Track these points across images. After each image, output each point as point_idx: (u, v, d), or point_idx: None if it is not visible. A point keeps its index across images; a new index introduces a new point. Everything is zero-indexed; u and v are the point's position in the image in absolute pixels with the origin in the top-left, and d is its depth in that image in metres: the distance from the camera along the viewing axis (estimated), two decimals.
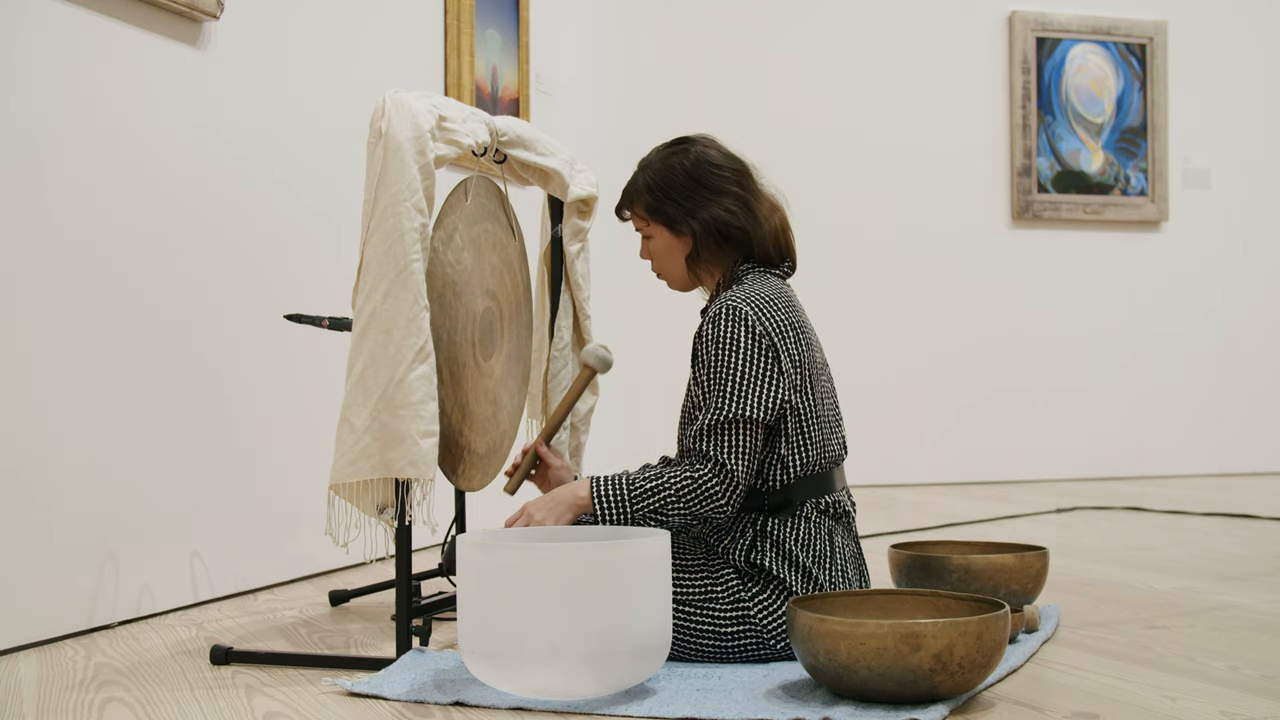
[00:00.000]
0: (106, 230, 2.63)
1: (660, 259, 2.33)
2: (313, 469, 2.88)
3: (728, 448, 2.13)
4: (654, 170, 2.30)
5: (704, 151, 2.29)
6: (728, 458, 2.12)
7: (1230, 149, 6.28)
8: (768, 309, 2.19)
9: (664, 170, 2.29)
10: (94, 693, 2.07)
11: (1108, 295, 6.15)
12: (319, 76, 3.34)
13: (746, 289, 2.23)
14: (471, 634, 1.90)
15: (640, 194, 2.31)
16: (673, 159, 2.29)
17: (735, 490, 2.13)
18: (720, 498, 2.13)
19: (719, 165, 2.28)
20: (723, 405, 2.14)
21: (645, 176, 2.31)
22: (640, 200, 2.31)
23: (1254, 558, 3.44)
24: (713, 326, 2.18)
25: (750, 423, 2.14)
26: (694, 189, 2.26)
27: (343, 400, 2.15)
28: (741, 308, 2.17)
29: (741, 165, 2.32)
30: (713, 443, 2.13)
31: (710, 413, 2.14)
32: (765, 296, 2.21)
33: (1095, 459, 6.07)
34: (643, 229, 2.33)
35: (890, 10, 5.93)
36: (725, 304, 2.19)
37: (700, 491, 2.12)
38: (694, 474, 2.13)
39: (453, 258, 2.42)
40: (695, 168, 2.27)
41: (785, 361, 2.18)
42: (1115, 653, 2.26)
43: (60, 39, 2.53)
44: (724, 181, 2.27)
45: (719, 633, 2.16)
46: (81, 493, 2.56)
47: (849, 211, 5.75)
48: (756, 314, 2.17)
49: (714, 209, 2.26)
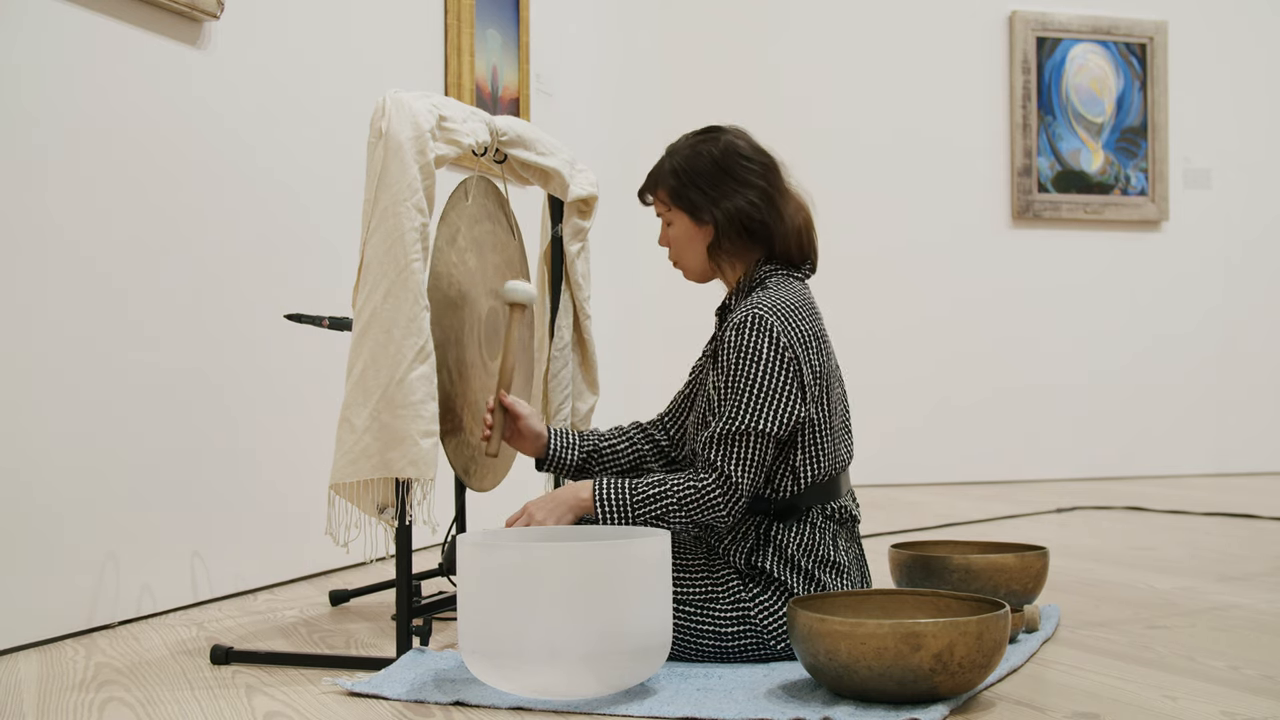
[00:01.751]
0: (106, 230, 2.63)
1: (679, 246, 2.31)
2: (313, 469, 2.88)
3: (735, 459, 2.12)
4: (681, 156, 2.28)
5: (733, 141, 2.27)
6: (734, 469, 2.11)
7: (1230, 149, 6.28)
8: (792, 318, 2.17)
9: (691, 156, 2.26)
10: (94, 692, 2.07)
11: (1108, 295, 6.15)
12: (319, 76, 3.34)
13: (772, 296, 2.20)
14: (472, 634, 1.90)
15: (665, 178, 2.28)
16: (701, 146, 2.27)
17: (738, 502, 2.12)
18: (721, 508, 2.12)
19: (747, 157, 2.26)
20: (737, 415, 2.12)
21: (672, 161, 2.28)
22: (664, 185, 2.29)
23: (1254, 557, 3.43)
24: (737, 335, 2.15)
25: (762, 436, 2.12)
26: (720, 178, 2.24)
27: (343, 400, 2.15)
28: (768, 318, 2.14)
29: (770, 160, 2.29)
30: (721, 452, 2.12)
31: (723, 421, 2.13)
32: (790, 304, 2.19)
33: (1095, 459, 6.07)
34: (664, 214, 2.31)
35: (891, 10, 5.93)
36: (751, 313, 2.16)
37: (702, 501, 2.12)
38: (697, 483, 2.12)
39: (457, 258, 2.42)
40: (723, 157, 2.25)
41: (807, 374, 2.16)
42: (1116, 653, 2.26)
43: (60, 39, 2.53)
44: (750, 174, 2.25)
45: (719, 633, 2.15)
46: (82, 493, 2.56)
47: (849, 211, 5.75)
48: (782, 325, 2.15)
49: (738, 199, 2.23)
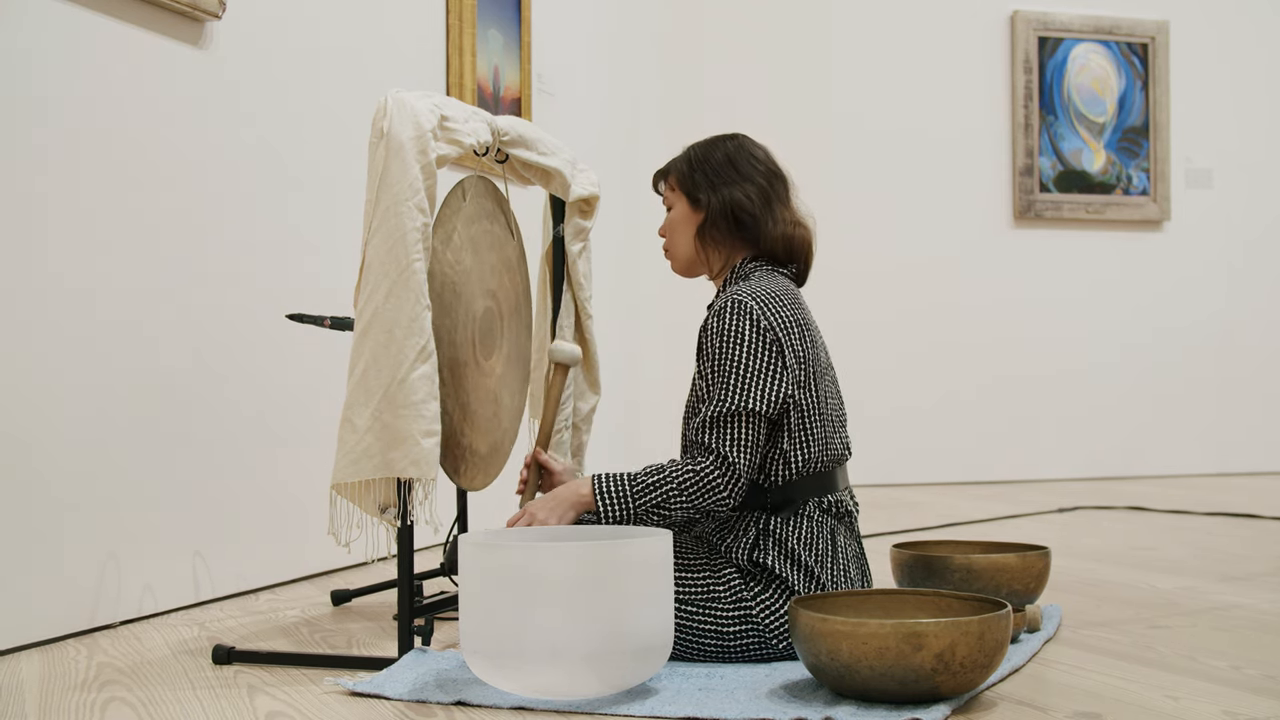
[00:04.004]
0: (106, 229, 2.63)
1: (673, 229, 2.38)
2: (315, 469, 2.88)
3: (730, 440, 2.14)
4: (698, 148, 2.39)
5: (750, 143, 2.38)
6: (729, 450, 2.13)
7: (1232, 149, 6.28)
8: (773, 304, 2.21)
9: (707, 148, 2.37)
10: (96, 692, 2.07)
11: (1109, 295, 6.15)
12: (320, 76, 3.34)
13: (753, 285, 2.25)
14: (473, 634, 1.90)
15: (678, 164, 2.39)
16: (719, 142, 2.38)
17: (737, 483, 2.14)
18: (722, 490, 2.13)
19: (757, 158, 2.36)
20: (726, 397, 2.15)
21: (689, 152, 2.39)
22: (676, 171, 2.39)
23: (1256, 557, 3.43)
24: (718, 320, 2.20)
25: (753, 415, 2.14)
26: (725, 168, 2.34)
27: (344, 400, 2.15)
28: (747, 302, 2.19)
29: (779, 169, 2.39)
30: (715, 435, 2.14)
31: (713, 405, 2.15)
32: (771, 292, 2.23)
33: (1096, 459, 6.07)
34: (668, 197, 2.40)
35: (893, 10, 5.93)
36: (731, 298, 2.21)
37: (702, 484, 2.13)
38: (695, 467, 2.13)
39: (452, 258, 2.42)
40: (735, 152, 2.35)
41: (789, 356, 2.19)
42: (1117, 652, 2.26)
43: (60, 39, 2.53)
44: (754, 171, 2.34)
45: (721, 632, 2.15)
46: (83, 492, 2.56)
47: (850, 210, 5.75)
48: (762, 309, 2.19)
49: (735, 190, 2.31)
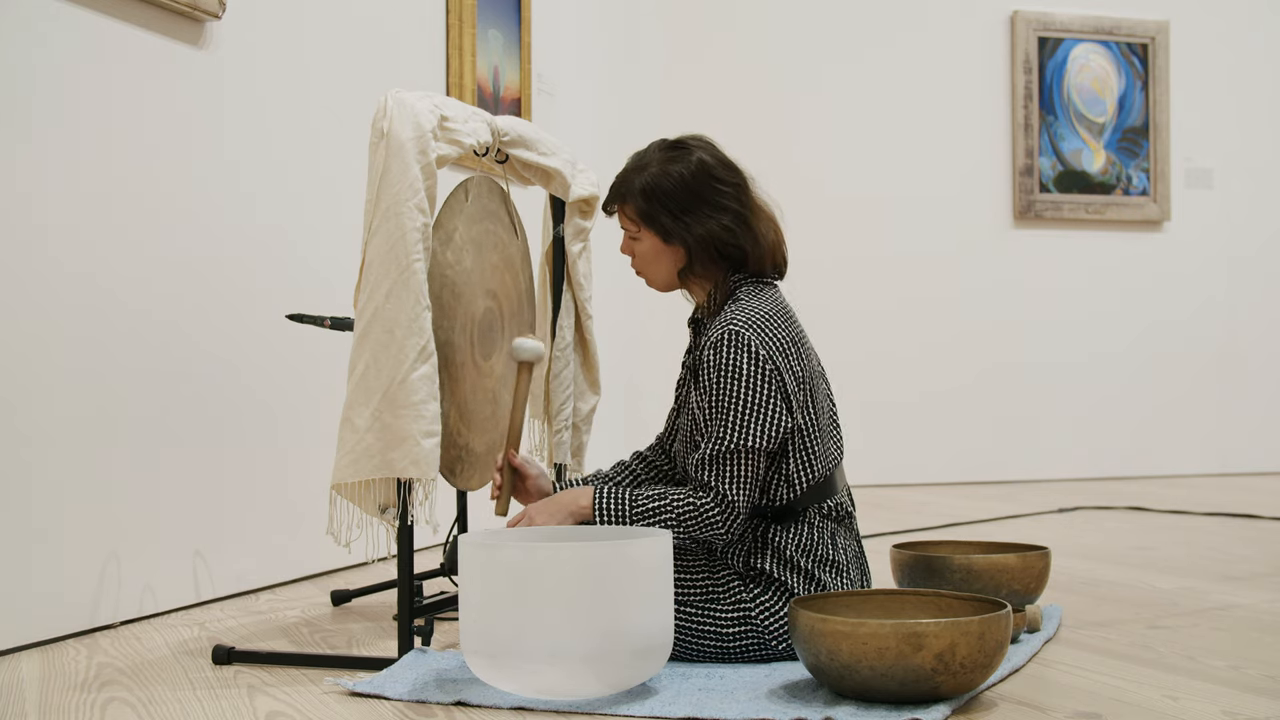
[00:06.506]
0: (105, 230, 2.63)
1: (645, 261, 2.27)
2: (315, 469, 2.88)
3: (730, 478, 2.12)
4: (650, 175, 2.21)
5: (704, 160, 2.21)
6: (729, 488, 2.11)
7: (1232, 149, 6.28)
8: (768, 328, 2.16)
9: (660, 175, 2.20)
10: (96, 692, 2.07)
11: (1109, 295, 6.14)
12: (321, 76, 3.34)
13: (745, 308, 2.18)
14: (473, 634, 1.90)
15: (633, 196, 2.23)
16: (671, 166, 2.21)
17: (735, 519, 2.13)
18: (720, 526, 2.12)
19: (719, 178, 2.21)
20: (725, 435, 2.12)
21: (640, 180, 2.22)
22: (632, 201, 2.23)
23: (1256, 558, 3.43)
24: (715, 353, 2.13)
25: (752, 452, 2.12)
26: (692, 202, 2.20)
27: (345, 400, 2.15)
28: (744, 333, 2.13)
29: (741, 178, 2.25)
30: (714, 473, 2.12)
31: (712, 443, 2.13)
32: (764, 314, 2.17)
33: (1097, 459, 6.07)
34: (630, 230, 2.26)
35: (892, 10, 5.93)
36: (727, 329, 2.14)
37: (700, 519, 2.12)
38: (695, 500, 2.12)
39: (452, 258, 2.42)
40: (694, 178, 2.20)
41: (790, 382, 2.15)
42: (1117, 653, 2.26)
43: (60, 39, 2.53)
44: (723, 197, 2.21)
45: (721, 633, 2.15)
46: (83, 492, 2.56)
47: (849, 211, 5.75)
48: (759, 337, 2.13)
49: (711, 225, 2.20)
